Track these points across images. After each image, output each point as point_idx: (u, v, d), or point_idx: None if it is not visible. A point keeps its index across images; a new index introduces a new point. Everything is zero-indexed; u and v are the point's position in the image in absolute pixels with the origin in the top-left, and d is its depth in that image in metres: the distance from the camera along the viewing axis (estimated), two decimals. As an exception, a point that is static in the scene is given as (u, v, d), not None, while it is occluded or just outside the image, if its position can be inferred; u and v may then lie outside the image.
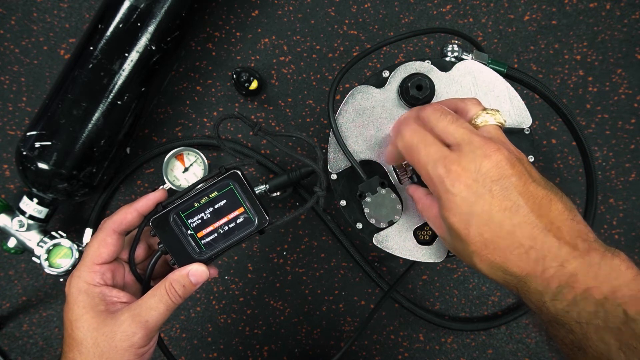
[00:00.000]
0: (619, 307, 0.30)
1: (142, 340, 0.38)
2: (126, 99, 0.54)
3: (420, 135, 0.37)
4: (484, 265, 0.35)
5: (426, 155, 0.36)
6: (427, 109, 0.38)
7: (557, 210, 0.33)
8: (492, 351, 0.66)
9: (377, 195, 0.45)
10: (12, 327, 0.64)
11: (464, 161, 0.34)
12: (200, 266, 0.40)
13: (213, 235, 0.41)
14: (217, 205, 0.41)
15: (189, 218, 0.40)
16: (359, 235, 0.59)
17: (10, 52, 0.64)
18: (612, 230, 0.66)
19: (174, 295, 0.39)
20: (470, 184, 0.34)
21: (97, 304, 0.38)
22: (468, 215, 0.34)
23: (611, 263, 0.31)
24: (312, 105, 0.66)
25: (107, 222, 0.41)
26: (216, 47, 0.65)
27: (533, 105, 0.65)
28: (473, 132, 0.36)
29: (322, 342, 0.65)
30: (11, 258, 0.64)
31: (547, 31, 0.66)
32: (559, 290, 0.31)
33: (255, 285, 0.65)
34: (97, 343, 0.37)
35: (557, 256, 0.32)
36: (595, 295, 0.30)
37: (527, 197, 0.33)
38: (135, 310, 0.38)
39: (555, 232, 0.32)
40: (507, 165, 0.34)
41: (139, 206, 0.41)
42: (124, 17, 0.53)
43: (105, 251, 0.40)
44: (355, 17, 0.66)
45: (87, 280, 0.39)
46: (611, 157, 0.66)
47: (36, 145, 0.53)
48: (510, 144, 0.37)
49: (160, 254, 0.41)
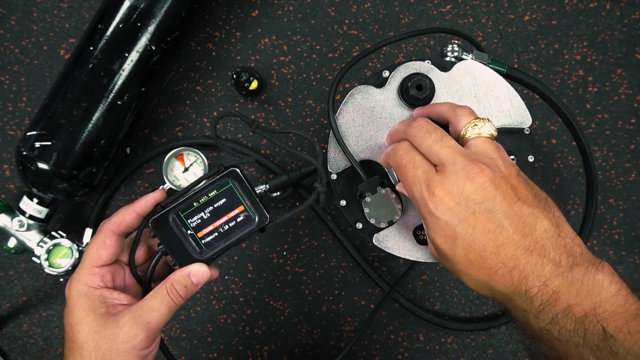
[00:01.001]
0: (598, 324, 0.30)
1: (144, 342, 0.37)
2: (126, 99, 0.54)
3: (410, 155, 0.38)
4: (470, 282, 0.36)
5: (413, 176, 0.37)
6: (415, 126, 0.38)
7: (543, 227, 0.33)
8: (492, 351, 0.66)
9: (377, 195, 0.45)
10: (12, 327, 0.64)
11: (447, 184, 0.35)
12: (202, 266, 0.40)
13: (213, 234, 0.40)
14: (217, 204, 0.40)
15: (189, 218, 0.40)
16: (359, 235, 0.59)
17: (10, 52, 0.64)
18: (612, 230, 0.66)
19: (176, 296, 0.39)
20: (452, 207, 0.34)
21: (98, 307, 0.38)
22: (452, 238, 0.35)
23: (594, 278, 0.32)
24: (312, 105, 0.66)
25: (105, 224, 0.40)
26: (216, 47, 0.65)
27: (533, 105, 0.65)
28: (457, 151, 0.36)
29: (322, 342, 0.65)
30: (11, 258, 0.64)
31: (547, 31, 0.66)
32: (541, 308, 0.32)
33: (255, 285, 0.65)
34: (99, 346, 0.37)
35: (540, 275, 0.32)
36: (575, 312, 0.31)
37: (511, 218, 0.34)
38: (136, 312, 0.38)
39: (539, 250, 0.33)
40: (491, 187, 0.34)
41: (138, 207, 0.41)
42: (124, 17, 0.53)
43: (105, 253, 0.39)
44: (355, 17, 0.66)
45: (87, 283, 0.38)
46: (611, 157, 0.66)
47: (36, 145, 0.53)
48: (499, 157, 0.36)
49: (161, 255, 0.41)
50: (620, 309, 0.31)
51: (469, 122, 0.38)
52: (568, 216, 0.66)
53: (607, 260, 0.68)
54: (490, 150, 0.37)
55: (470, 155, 0.36)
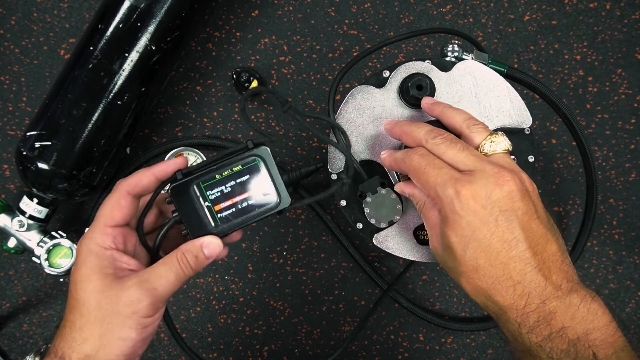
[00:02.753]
0: (589, 349, 0.32)
1: (146, 309, 0.36)
2: (126, 99, 0.54)
3: (429, 158, 0.38)
4: (469, 287, 0.36)
5: (436, 176, 0.37)
6: (436, 139, 0.38)
7: (551, 250, 0.35)
8: (492, 351, 0.66)
9: (378, 195, 0.45)
10: (12, 327, 0.64)
11: (476, 186, 0.35)
12: (215, 239, 0.38)
13: (231, 210, 0.39)
14: (240, 180, 0.39)
15: (209, 189, 0.38)
16: (359, 235, 0.59)
17: (10, 52, 0.64)
18: (612, 230, 0.66)
19: (186, 265, 0.37)
20: (477, 210, 0.35)
21: (106, 267, 0.36)
22: (468, 239, 0.35)
23: (589, 307, 0.33)
24: (312, 105, 0.66)
25: (121, 183, 0.39)
26: (216, 47, 0.65)
27: (533, 105, 0.65)
28: (484, 159, 0.37)
29: (322, 342, 0.65)
30: (11, 258, 0.64)
31: (547, 31, 0.66)
32: (536, 325, 0.33)
33: (255, 285, 0.65)
34: (100, 306, 0.35)
35: (540, 294, 0.34)
36: (569, 334, 0.33)
37: (527, 233, 0.35)
38: (143, 277, 0.36)
39: (545, 271, 0.34)
40: (518, 196, 0.35)
41: (157, 171, 0.39)
42: (124, 17, 0.53)
43: (119, 214, 0.38)
44: (355, 17, 0.66)
45: (99, 242, 0.37)
46: (611, 157, 0.66)
47: (36, 145, 0.53)
48: (522, 172, 0.37)
49: (174, 222, 0.39)
50: (610, 339, 0.33)
51: (485, 139, 0.39)
52: (568, 216, 0.66)
53: (607, 260, 0.68)
54: (512, 164, 0.38)
55: (498, 164, 0.36)
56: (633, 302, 0.65)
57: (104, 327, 0.35)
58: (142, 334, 0.36)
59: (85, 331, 0.35)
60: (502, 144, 0.38)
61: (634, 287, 0.65)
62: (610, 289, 0.65)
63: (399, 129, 0.42)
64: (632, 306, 0.65)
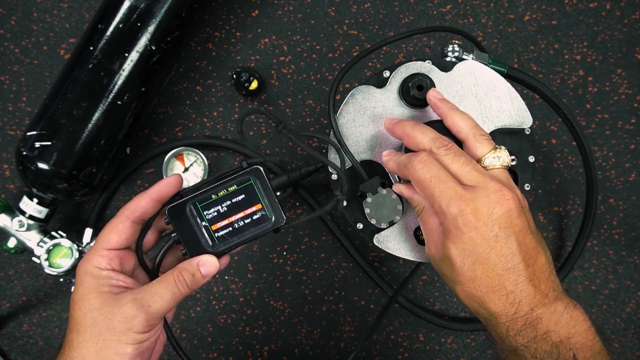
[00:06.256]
0: (570, 351, 0.36)
1: (141, 325, 0.36)
2: (126, 99, 0.54)
3: (434, 170, 0.39)
4: (463, 294, 0.39)
5: (440, 191, 0.38)
6: (442, 149, 0.39)
7: (541, 263, 0.38)
8: (492, 351, 0.66)
9: (378, 195, 0.45)
10: (12, 327, 0.64)
11: (479, 205, 0.37)
12: (211, 257, 0.40)
13: (227, 229, 0.40)
14: (235, 200, 0.40)
15: (205, 210, 0.40)
16: (359, 235, 0.59)
17: (10, 52, 0.64)
18: (612, 230, 0.66)
19: (182, 283, 0.38)
20: (479, 227, 0.37)
21: (102, 285, 0.38)
22: (469, 253, 0.37)
23: (572, 313, 0.37)
24: (312, 105, 0.66)
25: (122, 208, 0.40)
26: (216, 47, 0.65)
27: (533, 105, 0.65)
28: (486, 176, 0.38)
29: (322, 342, 0.65)
30: (11, 258, 0.64)
31: (547, 31, 0.66)
32: (523, 329, 0.36)
33: (255, 285, 0.65)
34: (96, 323, 0.36)
35: (530, 302, 0.37)
36: (553, 337, 0.36)
37: (522, 247, 0.37)
38: (139, 294, 0.37)
39: (535, 282, 0.37)
40: (516, 213, 0.37)
41: (153, 192, 0.40)
42: (124, 17, 0.53)
43: (115, 237, 0.39)
44: (355, 17, 0.66)
45: (94, 264, 0.38)
46: (611, 157, 0.66)
47: (36, 145, 0.53)
48: (517, 188, 0.39)
49: (173, 242, 0.40)
50: (590, 343, 0.36)
51: (489, 151, 0.40)
52: (568, 216, 0.66)
53: (607, 260, 0.68)
54: (510, 180, 0.40)
55: (499, 182, 0.38)
56: (633, 302, 0.65)
57: (99, 344, 0.36)
58: (139, 348, 0.37)
59: (83, 349, 0.36)
60: (503, 159, 0.40)
61: (634, 287, 0.65)
62: (610, 289, 0.65)
63: (400, 129, 0.42)
64: (632, 306, 0.65)
